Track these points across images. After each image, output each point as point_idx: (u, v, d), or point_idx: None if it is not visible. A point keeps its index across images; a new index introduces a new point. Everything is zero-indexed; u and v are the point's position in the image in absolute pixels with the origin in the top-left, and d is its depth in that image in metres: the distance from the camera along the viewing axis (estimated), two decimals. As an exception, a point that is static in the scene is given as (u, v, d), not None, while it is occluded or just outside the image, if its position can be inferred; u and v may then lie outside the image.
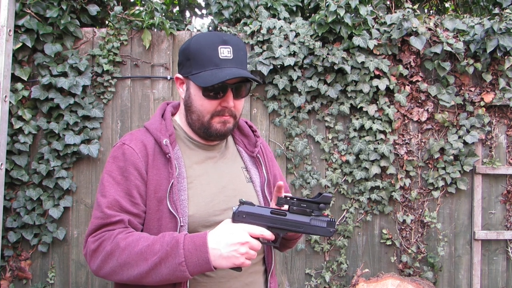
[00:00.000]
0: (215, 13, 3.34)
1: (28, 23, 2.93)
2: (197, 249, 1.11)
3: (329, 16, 3.03)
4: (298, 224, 1.21)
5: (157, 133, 1.30)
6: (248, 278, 1.32)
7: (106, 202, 1.22)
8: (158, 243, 1.14)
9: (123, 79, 3.14)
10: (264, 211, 1.21)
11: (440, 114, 3.24)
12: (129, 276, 1.15)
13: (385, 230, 3.27)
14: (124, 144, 1.29)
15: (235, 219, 1.19)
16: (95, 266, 1.19)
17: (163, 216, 1.23)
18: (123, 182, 1.24)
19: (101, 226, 1.21)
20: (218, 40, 1.27)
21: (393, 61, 3.24)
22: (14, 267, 3.05)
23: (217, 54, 1.25)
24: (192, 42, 1.29)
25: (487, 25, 3.11)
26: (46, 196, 3.01)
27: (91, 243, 1.20)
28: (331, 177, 3.20)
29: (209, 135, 1.33)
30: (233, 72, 1.24)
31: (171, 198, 1.23)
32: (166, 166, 1.27)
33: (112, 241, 1.17)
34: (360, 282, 3.02)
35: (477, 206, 3.29)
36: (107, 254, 1.16)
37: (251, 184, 1.41)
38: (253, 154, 1.46)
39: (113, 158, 1.28)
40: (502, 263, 3.35)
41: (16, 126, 2.95)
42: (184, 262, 1.11)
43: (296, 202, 1.22)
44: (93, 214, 1.25)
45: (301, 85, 3.17)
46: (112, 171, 1.26)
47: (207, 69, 1.25)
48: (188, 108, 1.32)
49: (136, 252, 1.14)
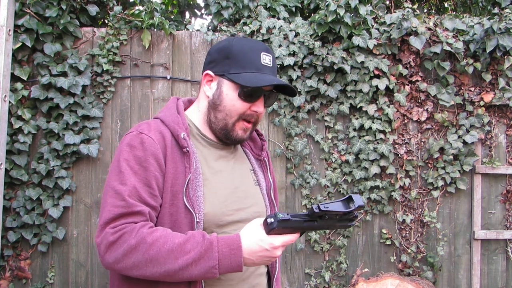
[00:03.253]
0: (214, 13, 3.35)
1: (27, 22, 2.93)
2: (231, 253, 1.12)
3: (328, 16, 3.03)
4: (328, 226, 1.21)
5: (175, 126, 1.27)
6: (255, 280, 1.33)
7: (127, 190, 1.15)
8: (189, 242, 1.12)
9: (122, 78, 3.14)
10: (298, 223, 1.17)
11: (440, 114, 3.24)
12: (153, 272, 1.12)
13: (385, 229, 3.27)
14: (142, 133, 1.23)
15: (269, 231, 1.15)
16: (111, 259, 1.13)
17: (178, 211, 1.21)
18: (142, 173, 1.19)
19: (122, 215, 1.14)
20: (261, 47, 1.30)
21: (393, 61, 3.24)
22: (13, 267, 3.05)
23: (260, 60, 1.28)
24: (235, 43, 1.29)
25: (486, 24, 3.11)
26: (46, 196, 3.01)
27: (109, 235, 1.13)
28: (331, 176, 3.20)
29: (227, 138, 1.32)
30: (277, 79, 1.28)
31: (188, 194, 1.21)
32: (182, 160, 1.24)
33: (137, 235, 1.11)
34: (359, 282, 3.02)
35: (476, 206, 3.29)
36: (131, 248, 1.11)
37: (258, 187, 1.42)
38: (260, 157, 1.47)
39: (130, 146, 1.22)
40: (502, 263, 3.35)
41: (15, 125, 2.95)
42: (218, 265, 1.10)
43: (328, 217, 1.19)
44: (108, 202, 1.17)
45: (301, 85, 3.17)
46: (130, 159, 1.20)
47: (249, 71, 1.26)
48: (216, 107, 1.30)
49: (166, 250, 1.10)
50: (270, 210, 1.41)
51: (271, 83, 1.24)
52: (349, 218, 1.20)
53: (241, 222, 1.29)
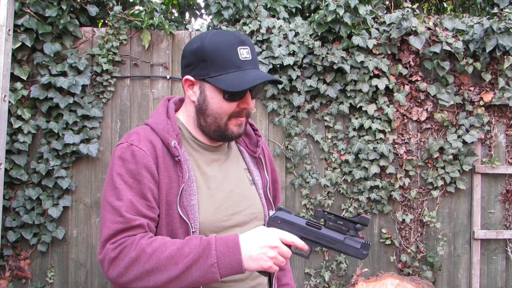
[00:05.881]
0: (214, 13, 3.35)
1: (27, 22, 2.93)
2: (229, 251, 1.10)
3: (328, 16, 3.03)
4: (331, 240, 1.19)
5: (165, 134, 1.24)
6: (255, 280, 1.33)
7: (123, 206, 1.15)
8: (187, 246, 1.11)
9: (122, 78, 3.14)
10: (299, 221, 1.19)
11: (440, 114, 3.24)
12: (156, 281, 1.11)
13: (385, 229, 3.27)
14: (132, 145, 1.21)
15: (270, 224, 1.19)
16: (115, 274, 1.13)
17: (173, 221, 1.21)
18: (136, 186, 1.18)
19: (120, 230, 1.15)
20: (236, 41, 1.22)
21: (393, 61, 3.24)
22: (13, 267, 3.05)
23: (237, 56, 1.21)
24: (207, 43, 1.21)
25: (486, 24, 3.12)
26: (46, 196, 3.01)
27: (110, 251, 1.13)
28: (331, 176, 3.20)
29: (224, 138, 1.30)
30: (260, 75, 1.22)
31: (182, 203, 1.20)
32: (175, 169, 1.22)
33: (136, 247, 1.12)
34: (359, 282, 3.02)
35: (476, 206, 3.29)
36: (132, 261, 1.11)
37: (254, 187, 1.40)
38: (255, 154, 1.43)
39: (122, 160, 1.20)
40: (501, 263, 3.35)
41: (15, 125, 2.95)
42: (216, 263, 1.09)
43: (333, 218, 1.20)
44: (107, 219, 1.17)
45: (301, 85, 3.17)
46: (123, 174, 1.19)
47: (229, 71, 1.20)
48: (203, 112, 1.27)
49: (165, 257, 1.10)
50: (267, 209, 1.40)
51: (254, 84, 1.18)
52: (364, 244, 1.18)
53: (238, 226, 1.29)
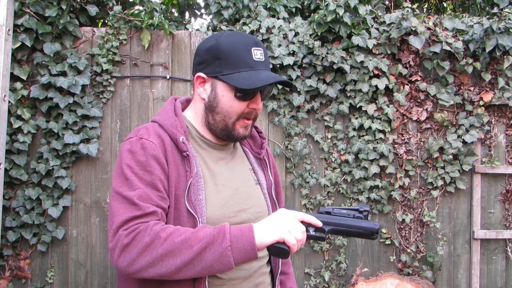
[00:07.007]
0: (214, 13, 3.35)
1: (27, 22, 2.93)
2: (243, 235, 1.10)
3: (328, 16, 3.03)
4: (343, 219, 1.20)
5: (173, 130, 1.26)
6: (258, 279, 1.33)
7: (136, 195, 1.15)
8: (201, 231, 1.12)
9: (122, 78, 3.14)
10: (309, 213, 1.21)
11: (439, 114, 3.24)
12: (169, 267, 1.09)
13: (384, 229, 3.27)
14: (141, 138, 1.22)
15: None
16: (126, 262, 1.10)
17: (180, 215, 1.21)
18: (147, 177, 1.18)
19: (134, 217, 1.13)
20: (250, 42, 1.26)
21: (392, 61, 3.24)
22: (13, 267, 3.04)
23: (251, 56, 1.24)
24: (222, 41, 1.25)
25: (486, 24, 3.12)
26: (45, 196, 3.01)
27: (123, 237, 1.10)
28: (330, 176, 3.20)
29: (229, 138, 1.32)
30: (272, 76, 1.25)
31: (189, 198, 1.21)
32: (183, 164, 1.24)
33: (150, 232, 1.10)
34: (359, 282, 3.02)
35: (476, 206, 3.29)
36: (146, 246, 1.09)
37: (259, 187, 1.41)
38: (259, 156, 1.46)
39: (131, 152, 1.20)
40: (501, 263, 3.35)
41: (15, 125, 2.95)
42: (230, 247, 1.09)
43: (337, 209, 1.22)
44: (119, 208, 1.15)
45: (300, 85, 3.17)
46: (133, 166, 1.18)
47: (242, 70, 1.23)
48: (213, 109, 1.28)
49: (180, 241, 1.09)
50: (272, 209, 1.41)
51: (267, 83, 1.22)
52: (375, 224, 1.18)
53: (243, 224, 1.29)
